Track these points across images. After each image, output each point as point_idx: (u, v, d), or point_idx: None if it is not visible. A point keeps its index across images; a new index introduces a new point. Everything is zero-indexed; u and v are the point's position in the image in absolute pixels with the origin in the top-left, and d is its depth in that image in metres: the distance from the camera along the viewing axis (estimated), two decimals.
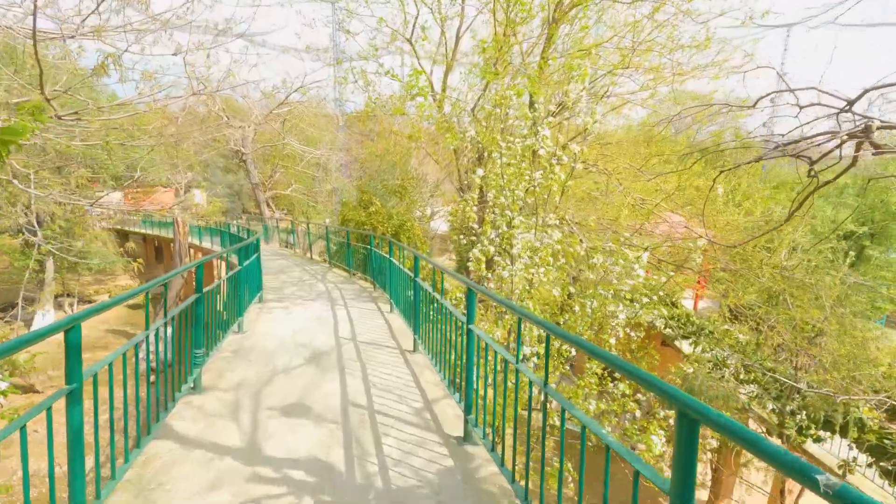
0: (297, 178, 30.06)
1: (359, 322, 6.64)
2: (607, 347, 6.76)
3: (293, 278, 10.77)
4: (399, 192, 13.52)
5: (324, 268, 12.70)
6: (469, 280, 3.51)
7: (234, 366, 4.73)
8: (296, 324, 6.49)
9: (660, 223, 10.30)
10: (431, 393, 4.21)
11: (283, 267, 12.81)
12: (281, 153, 26.47)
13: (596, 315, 6.60)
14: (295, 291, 9.07)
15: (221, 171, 38.30)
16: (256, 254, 7.88)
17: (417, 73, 6.84)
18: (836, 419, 7.55)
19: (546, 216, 7.16)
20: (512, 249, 7.59)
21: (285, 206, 35.63)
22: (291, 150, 25.66)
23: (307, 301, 8.14)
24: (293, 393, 4.12)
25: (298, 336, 5.88)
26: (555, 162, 6.53)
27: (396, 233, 13.60)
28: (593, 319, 6.63)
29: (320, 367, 4.78)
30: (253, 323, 6.46)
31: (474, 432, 3.28)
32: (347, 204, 14.16)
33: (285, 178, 30.79)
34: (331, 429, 3.52)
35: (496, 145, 7.26)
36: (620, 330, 6.54)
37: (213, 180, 37.96)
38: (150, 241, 32.55)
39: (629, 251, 6.20)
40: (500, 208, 7.55)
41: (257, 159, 29.93)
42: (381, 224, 13.23)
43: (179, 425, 3.45)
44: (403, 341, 5.74)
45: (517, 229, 7.46)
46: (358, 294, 8.83)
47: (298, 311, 7.35)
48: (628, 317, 6.51)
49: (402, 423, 3.63)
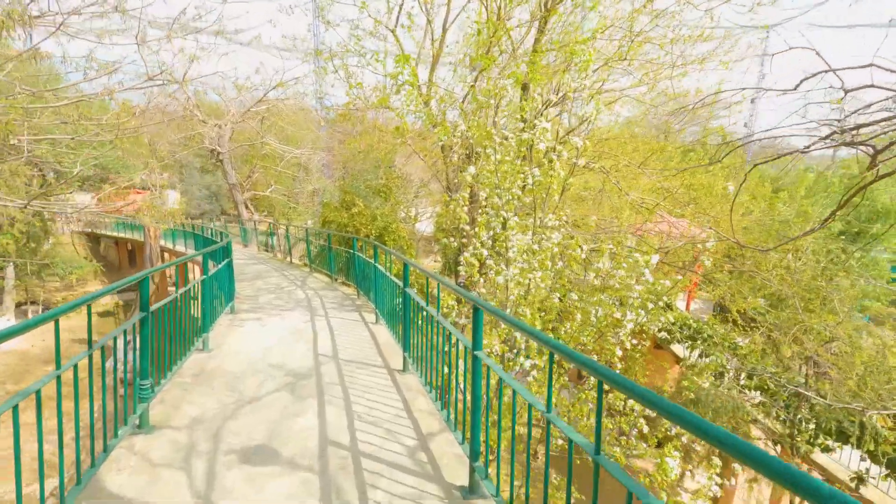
0: (278, 178, 29.12)
1: (341, 335, 5.98)
2: (612, 358, 6.23)
3: (270, 285, 10.03)
4: (383, 193, 12.86)
5: (304, 273, 11.97)
6: (476, 297, 2.90)
7: (193, 395, 4.04)
8: (270, 338, 5.79)
9: (658, 222, 9.85)
10: (426, 425, 3.59)
11: (261, 272, 12.04)
12: (259, 153, 25.53)
13: (600, 323, 6.06)
14: (271, 300, 8.35)
15: (198, 171, 37.07)
16: (227, 259, 7.16)
17: (404, 60, 6.21)
18: (850, 430, 7.14)
19: (545, 217, 6.60)
20: (507, 252, 7.03)
21: (265, 208, 34.60)
22: (271, 149, 24.77)
23: (284, 311, 7.44)
24: (261, 430, 3.45)
25: (272, 354, 5.19)
26: (554, 157, 5.97)
27: (381, 235, 12.93)
28: (597, 328, 6.08)
29: (295, 394, 4.11)
30: (221, 338, 5.74)
31: (483, 484, 2.67)
32: (329, 205, 13.46)
33: (265, 179, 29.82)
34: (305, 479, 2.87)
35: (489, 140, 6.68)
36: (627, 340, 6.01)
37: (189, 181, 36.73)
38: (123, 245, 31.24)
39: (639, 254, 5.66)
40: (495, 208, 6.98)
41: (235, 159, 28.89)
42: (365, 226, 12.55)
43: (114, 480, 2.77)
44: (392, 359, 5.10)
45: (512, 230, 6.90)
46: (340, 302, 8.16)
47: (274, 322, 6.65)
48: (635, 324, 5.98)
49: (392, 468, 3.00)
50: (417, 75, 6.60)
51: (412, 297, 4.39)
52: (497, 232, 6.74)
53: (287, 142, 26.60)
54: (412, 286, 4.71)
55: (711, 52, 8.81)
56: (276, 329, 6.28)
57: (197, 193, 36.33)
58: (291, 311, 7.43)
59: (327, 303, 8.10)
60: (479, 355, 2.71)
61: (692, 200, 7.81)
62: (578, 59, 5.95)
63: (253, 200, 29.75)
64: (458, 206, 7.58)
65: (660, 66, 8.50)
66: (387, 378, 4.52)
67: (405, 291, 4.57)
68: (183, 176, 36.94)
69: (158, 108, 9.99)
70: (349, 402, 3.93)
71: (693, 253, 8.50)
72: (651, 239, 8.36)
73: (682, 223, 8.48)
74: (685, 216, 8.35)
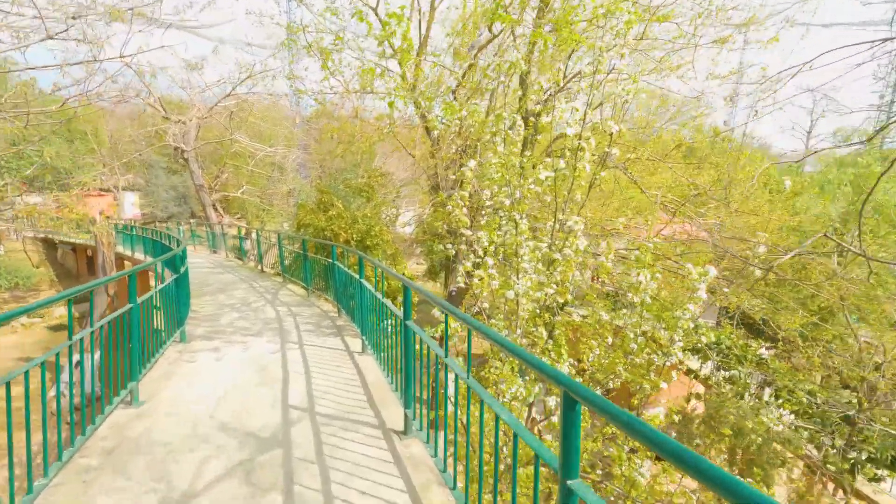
0: (250, 178, 27.42)
1: (319, 373, 4.69)
2: (653, 392, 5.10)
3: (235, 300, 8.63)
4: (365, 192, 11.55)
5: (276, 284, 10.58)
6: (543, 362, 1.70)
7: (94, 492, 2.72)
8: (225, 381, 4.48)
9: (678, 223, 8.80)
10: None
11: (227, 284, 10.60)
12: (229, 151, 23.84)
13: (641, 350, 4.93)
14: (234, 320, 6.98)
15: (165, 171, 35.01)
16: (176, 275, 5.80)
17: (397, 17, 4.96)
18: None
19: (567, 218, 5.44)
20: (520, 262, 5.86)
21: (237, 210, 32.78)
22: (241, 147, 23.12)
23: (249, 336, 6.10)
24: None
25: (226, 407, 3.89)
26: (584, 146, 4.81)
27: (362, 239, 11.62)
28: (642, 357, 4.94)
29: (252, 482, 2.83)
30: (160, 383, 4.40)
31: None
32: (304, 206, 12.09)
33: (236, 179, 28.07)
34: None
35: (498, 124, 5.48)
36: (667, 370, 4.91)
37: (155, 182, 34.64)
38: (82, 251, 29.04)
39: (692, 266, 4.54)
40: (507, 210, 5.79)
41: (204, 158, 27.07)
42: (344, 230, 11.22)
43: None
44: (387, 410, 3.85)
45: (524, 236, 5.73)
46: (317, 322, 6.85)
47: (234, 354, 5.32)
48: (685, 349, 4.87)
49: None
50: (412, 40, 5.35)
51: (419, 337, 3.16)
52: (509, 237, 5.55)
53: (260, 139, 24.97)
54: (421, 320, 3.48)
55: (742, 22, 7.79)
56: (236, 365, 4.96)
57: (163, 195, 34.29)
58: (258, 336, 6.10)
59: (302, 323, 6.79)
60: (574, 486, 1.50)
61: (722, 199, 6.78)
62: (619, 16, 4.79)
63: (223, 202, 27.98)
64: (456, 206, 6.36)
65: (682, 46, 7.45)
66: (383, 447, 3.26)
67: (406, 326, 3.33)
68: (148, 177, 34.81)
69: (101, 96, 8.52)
70: (331, 498, 2.68)
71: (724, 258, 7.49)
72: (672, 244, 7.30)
73: (710, 224, 7.46)
74: (712, 217, 7.32)
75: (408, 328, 3.31)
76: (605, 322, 5.40)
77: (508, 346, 1.98)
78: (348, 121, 8.57)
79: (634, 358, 4.97)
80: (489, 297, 6.84)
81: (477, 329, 2.38)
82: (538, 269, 5.76)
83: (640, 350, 4.89)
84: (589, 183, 5.20)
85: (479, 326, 2.35)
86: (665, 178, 8.25)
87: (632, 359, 5.02)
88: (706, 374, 10.62)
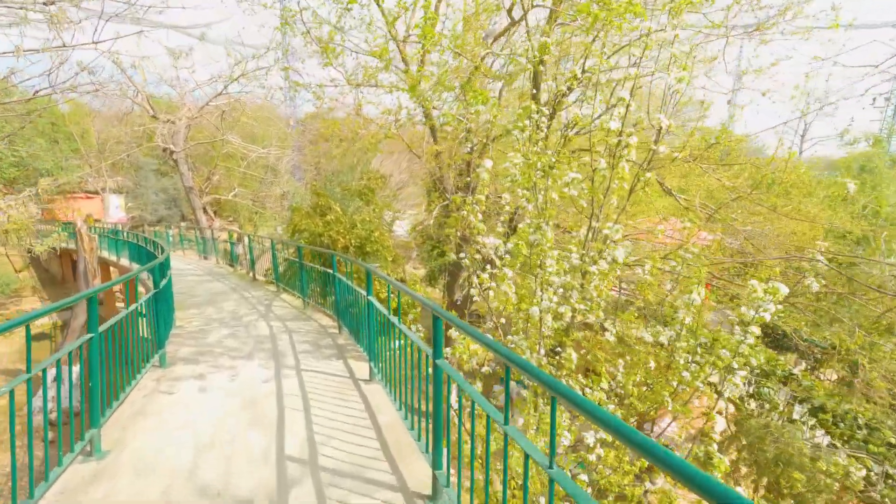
0: (243, 181, 26.60)
1: (321, 409, 3.98)
2: (708, 433, 4.44)
3: (225, 313, 7.89)
4: (364, 195, 10.84)
5: (269, 293, 9.84)
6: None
7: None
8: (209, 422, 3.75)
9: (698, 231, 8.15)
10: None
11: (216, 294, 9.84)
12: (221, 152, 23.03)
13: (694, 379, 4.25)
14: (223, 338, 6.25)
15: (155, 173, 34.04)
16: (156, 290, 5.07)
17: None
18: None
19: (603, 227, 4.77)
20: (546, 275, 5.20)
21: (230, 214, 31.90)
22: (233, 148, 22.33)
23: (238, 359, 5.38)
24: None
25: (208, 462, 3.17)
26: (629, 142, 4.15)
27: (362, 245, 10.91)
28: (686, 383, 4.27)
29: None
30: (130, 424, 3.67)
31: None
32: (299, 210, 11.36)
33: (228, 182, 27.25)
34: None
35: (523, 119, 4.80)
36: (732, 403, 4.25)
37: (145, 184, 33.65)
38: (67, 256, 28.04)
39: (757, 282, 3.88)
40: (532, 216, 5.13)
41: (195, 159, 26.23)
42: (343, 235, 10.50)
43: None
44: (406, 466, 3.14)
45: (548, 245, 5.08)
46: (316, 341, 6.13)
47: (220, 383, 4.59)
48: (745, 379, 4.23)
49: None
50: (435, 15, 4.67)
51: (455, 381, 2.46)
52: (537, 247, 4.88)
53: (252, 140, 24.17)
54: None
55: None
56: (223, 398, 4.23)
57: (153, 198, 33.31)
58: (248, 358, 5.37)
59: (299, 342, 6.06)
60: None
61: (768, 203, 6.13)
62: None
63: (214, 205, 27.13)
64: (472, 211, 5.69)
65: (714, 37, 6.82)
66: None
67: (437, 364, 2.63)
68: (137, 179, 33.80)
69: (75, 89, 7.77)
70: None
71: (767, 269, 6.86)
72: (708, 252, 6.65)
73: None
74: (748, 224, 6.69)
75: (439, 368, 2.62)
76: (648, 344, 4.72)
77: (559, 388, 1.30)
78: (350, 116, 7.86)
79: (687, 387, 4.30)
80: (506, 311, 6.18)
81: (517, 365, 1.70)
82: (569, 283, 5.09)
83: (694, 378, 4.22)
84: (630, 186, 4.53)
85: (524, 364, 1.67)
86: (694, 181, 7.62)
87: (683, 388, 4.36)
88: (721, 386, 9.99)
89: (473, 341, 2.30)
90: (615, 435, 1.30)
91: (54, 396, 10.98)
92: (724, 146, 5.79)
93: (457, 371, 2.56)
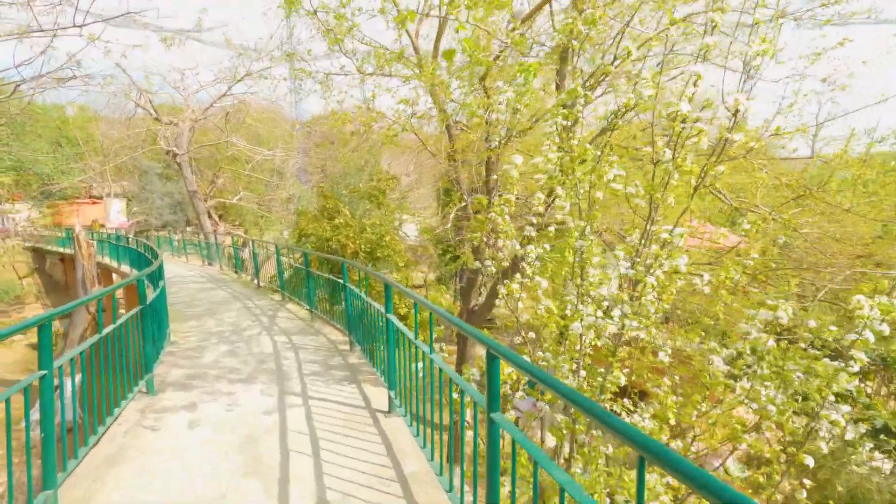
0: (248, 184, 26.08)
1: (333, 453, 3.29)
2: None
3: (225, 325, 7.24)
4: (375, 197, 10.20)
5: (274, 303, 9.19)
6: None
7: None
8: (198, 470, 3.08)
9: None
10: None
11: (217, 303, 9.21)
12: (225, 154, 22.50)
13: (781, 415, 3.54)
14: (222, 357, 5.59)
15: (159, 177, 33.64)
16: (143, 305, 4.43)
17: None
18: None
19: (659, 231, 4.07)
20: (589, 287, 4.54)
21: (235, 218, 31.44)
22: (238, 151, 21.81)
23: (237, 382, 4.71)
24: None
25: None
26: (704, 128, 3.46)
27: (372, 250, 10.27)
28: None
29: None
30: (102, 475, 3.00)
31: None
32: (305, 214, 10.75)
33: (233, 185, 26.74)
34: None
35: (569, 97, 4.12)
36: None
37: (150, 188, 33.24)
38: (70, 262, 27.64)
39: (864, 297, 3.17)
40: (574, 217, 4.46)
41: (200, 163, 25.74)
42: (352, 240, 9.86)
43: None
44: None
45: (594, 249, 4.41)
46: (325, 360, 5.45)
47: (215, 415, 3.93)
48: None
49: None
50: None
51: (519, 443, 1.78)
52: (584, 255, 4.19)
53: (257, 143, 23.65)
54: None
55: None
56: (217, 435, 3.56)
57: (158, 202, 32.87)
58: (249, 382, 4.71)
59: (306, 361, 5.39)
60: None
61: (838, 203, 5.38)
62: None
63: (219, 209, 26.64)
64: (500, 213, 5.02)
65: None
66: None
67: (492, 419, 1.94)
68: (142, 183, 33.41)
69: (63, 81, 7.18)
70: None
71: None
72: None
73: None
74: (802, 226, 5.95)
75: (496, 424, 1.93)
76: (718, 372, 4.00)
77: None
78: (361, 109, 7.21)
79: (785, 425, 3.59)
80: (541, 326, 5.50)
81: (598, 418, 1.03)
82: (617, 295, 4.39)
83: (781, 414, 3.50)
84: (698, 181, 3.82)
85: (604, 415, 1.00)
86: (736, 178, 6.89)
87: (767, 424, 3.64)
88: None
89: (525, 375, 1.68)
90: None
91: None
92: (785, 136, 5.07)
93: (521, 432, 1.88)
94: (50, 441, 2.55)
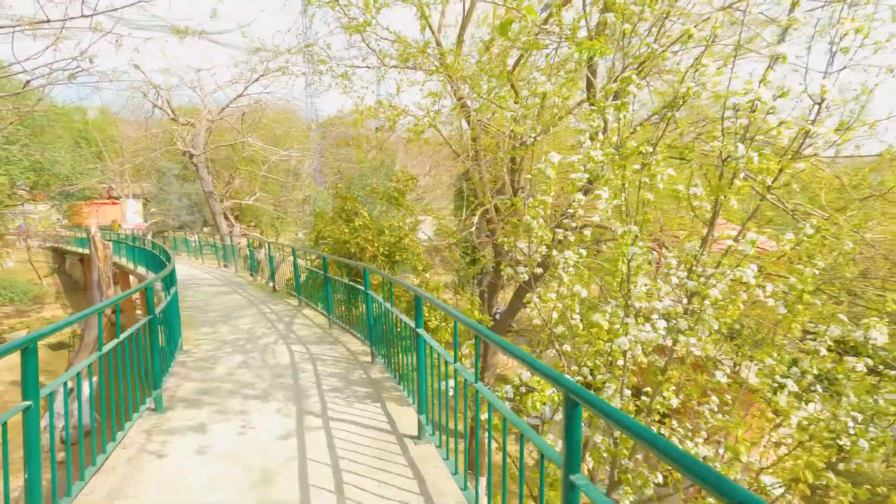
0: (264, 185, 25.94)
1: (356, 487, 2.89)
2: None
3: (240, 333, 6.91)
4: (394, 198, 9.82)
5: (290, 308, 8.87)
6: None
7: None
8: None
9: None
10: None
11: (232, 308, 8.92)
12: (241, 155, 22.38)
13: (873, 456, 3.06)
14: (235, 369, 5.24)
15: (177, 178, 33.78)
16: (151, 315, 4.09)
17: None
18: None
19: (726, 236, 3.60)
20: (640, 300, 4.11)
21: (251, 219, 31.38)
22: (254, 151, 21.67)
23: (250, 398, 4.35)
24: None
25: None
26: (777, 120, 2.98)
27: (391, 253, 9.87)
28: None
29: None
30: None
31: None
32: (322, 215, 10.42)
33: (249, 186, 26.65)
34: None
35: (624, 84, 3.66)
36: None
37: (168, 189, 33.39)
38: (88, 262, 27.85)
39: None
40: (619, 220, 4.03)
41: (216, 164, 25.69)
42: (371, 243, 9.49)
43: None
44: None
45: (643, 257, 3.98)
46: (345, 375, 5.07)
47: (226, 440, 3.56)
48: None
49: None
50: None
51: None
52: (638, 262, 3.74)
53: (274, 143, 23.49)
54: None
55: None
56: (226, 469, 3.18)
57: (175, 203, 33.00)
58: (263, 400, 4.34)
59: (325, 375, 5.01)
60: None
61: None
62: None
63: (236, 210, 26.58)
64: (535, 216, 4.60)
65: None
66: None
67: (572, 483, 1.52)
68: (161, 184, 33.59)
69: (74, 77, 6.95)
70: None
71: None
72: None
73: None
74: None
75: (575, 489, 1.50)
76: (790, 400, 3.52)
77: None
78: (384, 104, 6.83)
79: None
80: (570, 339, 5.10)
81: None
82: (673, 310, 3.93)
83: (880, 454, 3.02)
84: (774, 179, 3.34)
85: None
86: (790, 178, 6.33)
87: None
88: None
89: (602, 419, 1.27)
90: None
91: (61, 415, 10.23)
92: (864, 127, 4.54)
93: (607, 499, 1.45)
94: (35, 486, 2.19)
